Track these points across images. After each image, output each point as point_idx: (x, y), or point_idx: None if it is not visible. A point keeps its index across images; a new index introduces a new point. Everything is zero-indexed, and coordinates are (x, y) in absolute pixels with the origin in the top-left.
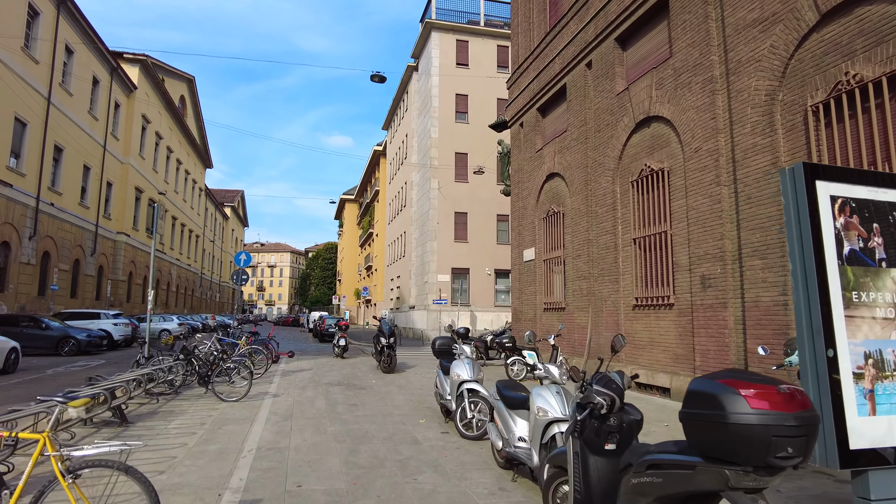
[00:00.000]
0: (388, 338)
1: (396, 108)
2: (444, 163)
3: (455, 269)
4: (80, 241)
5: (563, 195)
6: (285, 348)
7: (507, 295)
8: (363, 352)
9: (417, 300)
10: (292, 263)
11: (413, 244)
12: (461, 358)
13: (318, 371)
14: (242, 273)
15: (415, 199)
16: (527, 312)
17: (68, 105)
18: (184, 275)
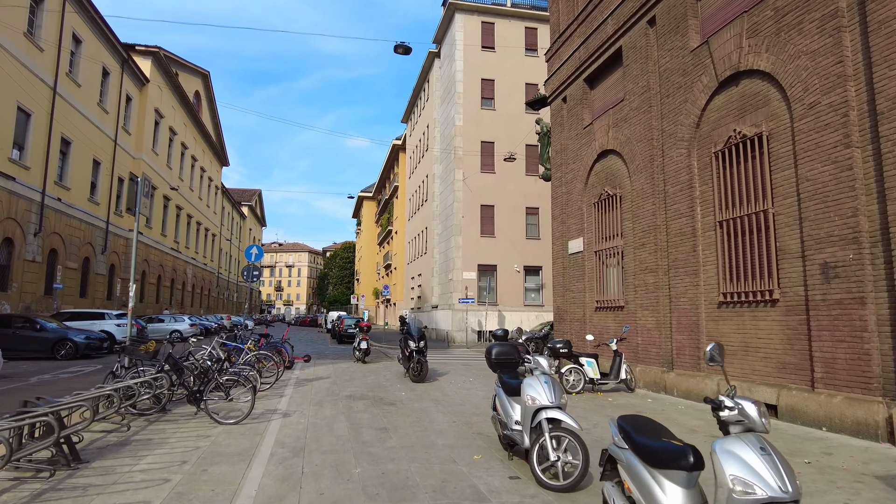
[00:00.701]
0: (417, 341)
1: (416, 98)
2: (468, 152)
3: (481, 265)
4: (89, 238)
5: (619, 175)
6: (301, 351)
7: (537, 293)
8: (386, 355)
9: (441, 299)
10: (310, 263)
11: (436, 240)
12: (536, 375)
13: (337, 379)
14: (254, 269)
15: (437, 192)
16: (573, 312)
17: (76, 96)
18: (200, 274)
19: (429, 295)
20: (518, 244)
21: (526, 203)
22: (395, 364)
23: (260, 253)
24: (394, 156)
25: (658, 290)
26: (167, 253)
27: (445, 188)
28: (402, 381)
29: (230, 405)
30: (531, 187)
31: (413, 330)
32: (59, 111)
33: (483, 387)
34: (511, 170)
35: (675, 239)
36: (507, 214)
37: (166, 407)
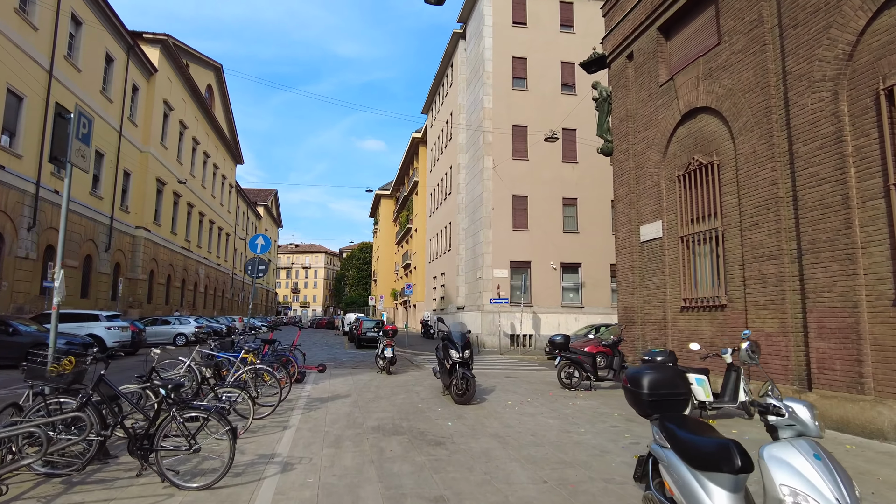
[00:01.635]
0: (461, 351)
1: (438, 86)
2: (499, 138)
3: (513, 262)
4: (91, 234)
5: (715, 138)
6: (315, 358)
7: (575, 293)
8: (412, 363)
9: (468, 300)
10: (327, 265)
11: (461, 236)
12: (792, 442)
13: (359, 398)
14: (260, 263)
15: (463, 183)
16: (648, 313)
17: (76, 81)
18: (213, 274)
19: (453, 295)
20: (554, 238)
21: (563, 193)
22: (426, 375)
23: (267, 243)
24: (413, 150)
25: (783, 283)
26: (177, 252)
27: (473, 178)
28: (441, 402)
29: (201, 454)
30: (568, 175)
31: (455, 336)
32: (56, 96)
33: (551, 412)
34: (546, 156)
35: (813, 214)
36: (541, 206)
37: (96, 459)
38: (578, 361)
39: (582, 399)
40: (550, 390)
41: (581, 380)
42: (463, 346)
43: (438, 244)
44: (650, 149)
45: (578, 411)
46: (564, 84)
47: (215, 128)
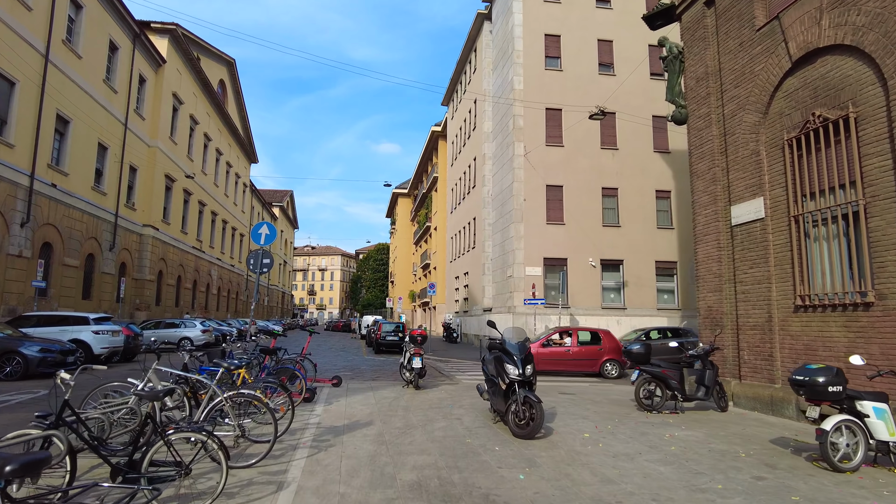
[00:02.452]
0: (521, 367)
1: (460, 74)
2: (530, 122)
3: (548, 259)
4: (94, 232)
5: (850, 85)
6: (330, 366)
7: (617, 294)
8: (440, 373)
9: (496, 301)
10: (343, 266)
11: (488, 231)
12: None
13: (385, 428)
14: (264, 256)
15: (490, 174)
16: (745, 315)
17: (76, 68)
18: (226, 276)
19: (478, 296)
20: (593, 233)
21: (602, 182)
22: (461, 390)
23: (272, 233)
24: (432, 145)
25: None
26: (188, 252)
27: (501, 167)
28: (494, 434)
29: None
30: (608, 163)
31: (512, 346)
32: (52, 83)
33: (651, 450)
34: (583, 142)
35: None
36: (578, 197)
37: None
38: (663, 377)
39: (676, 427)
40: (627, 412)
41: (664, 399)
42: (523, 359)
43: (461, 242)
44: (743, 109)
45: (688, 449)
46: (602, 63)
47: (228, 125)
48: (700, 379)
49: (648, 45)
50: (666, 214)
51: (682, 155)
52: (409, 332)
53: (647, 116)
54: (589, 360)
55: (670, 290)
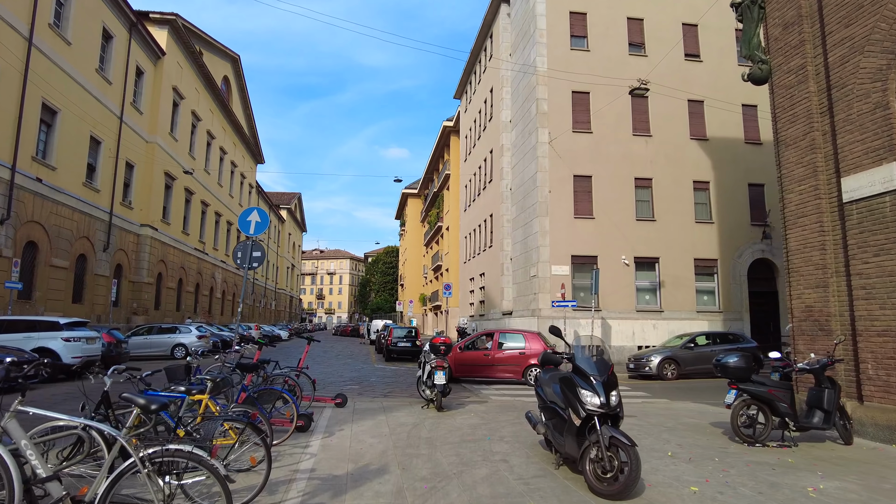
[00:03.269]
0: (603, 394)
1: (474, 63)
2: (555, 107)
3: (576, 257)
4: (86, 231)
5: None
6: (336, 375)
7: (652, 295)
8: (462, 386)
9: (517, 303)
10: (352, 270)
11: (507, 228)
12: None
13: (405, 477)
14: (254, 248)
15: (509, 166)
16: (869, 317)
17: (64, 56)
18: (231, 279)
19: (496, 298)
20: (625, 228)
21: (634, 172)
22: (495, 412)
23: (264, 221)
24: (443, 141)
25: None
26: (190, 254)
27: (523, 157)
28: (566, 493)
29: None
30: (641, 151)
31: (587, 363)
32: (37, 70)
33: None
34: (613, 128)
35: None
36: (609, 188)
37: None
38: (769, 399)
39: (807, 470)
40: (722, 445)
41: (769, 427)
42: (605, 382)
43: (476, 241)
44: (860, 53)
45: None
46: (632, 43)
47: (233, 123)
48: (815, 401)
49: (682, 23)
50: (704, 208)
51: (720, 143)
52: (431, 341)
53: (682, 100)
54: (513, 365)
55: (710, 291)
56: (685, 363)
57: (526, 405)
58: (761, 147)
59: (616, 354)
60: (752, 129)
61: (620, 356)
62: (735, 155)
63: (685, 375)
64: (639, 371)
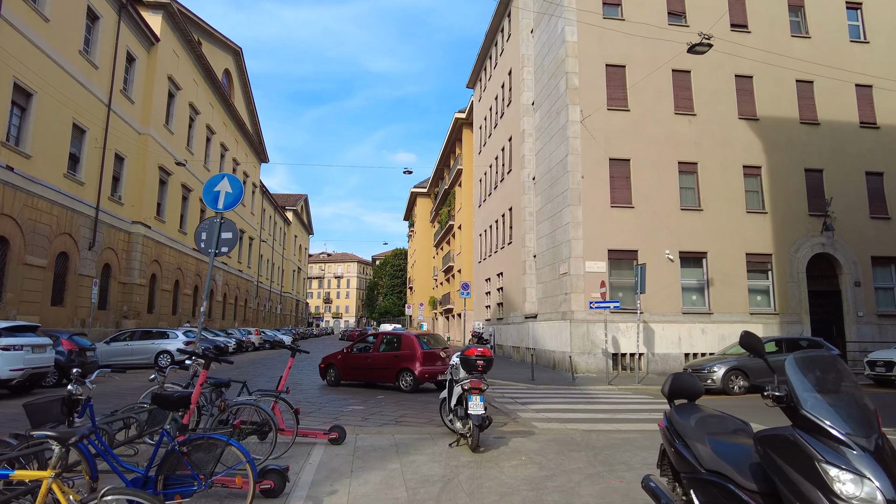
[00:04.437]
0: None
1: (490, 47)
2: (587, 82)
3: (613, 252)
4: (67, 227)
5: None
6: (333, 396)
7: (700, 295)
8: (493, 406)
9: (543, 305)
10: (359, 274)
11: (529, 222)
12: None
13: None
14: (224, 229)
15: (531, 152)
16: None
17: (41, 33)
18: (234, 282)
19: (517, 300)
20: (669, 218)
21: (677, 155)
22: (551, 451)
23: (237, 192)
24: (455, 135)
25: None
26: (188, 254)
27: (549, 140)
28: None
29: None
30: (684, 131)
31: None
32: (8, 46)
33: None
34: (652, 105)
35: None
36: (649, 173)
37: None
38: None
39: None
40: None
41: None
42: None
43: (492, 238)
44: None
45: None
46: (672, 13)
47: (235, 119)
48: None
49: None
50: (756, 196)
51: (772, 123)
52: (462, 353)
53: (728, 75)
54: (387, 368)
55: (764, 290)
56: (755, 375)
57: (590, 439)
58: (818, 128)
59: (660, 363)
60: (807, 108)
61: (665, 365)
62: (789, 136)
63: (755, 389)
64: None
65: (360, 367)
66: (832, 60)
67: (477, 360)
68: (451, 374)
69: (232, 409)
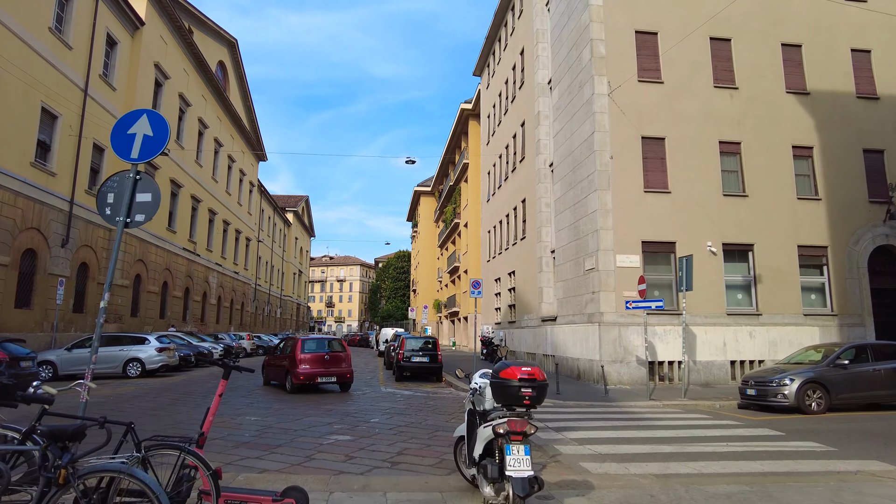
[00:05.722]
0: None
1: (499, 28)
2: (615, 52)
3: (647, 244)
4: (35, 221)
5: None
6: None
7: (745, 294)
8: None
9: (564, 306)
10: (362, 277)
11: (546, 213)
12: None
13: None
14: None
15: (548, 136)
16: None
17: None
18: (229, 284)
19: (532, 301)
20: (709, 205)
21: (718, 134)
22: None
23: (160, 136)
24: (461, 128)
25: None
26: (178, 254)
27: (570, 119)
28: None
29: None
30: (725, 107)
31: None
32: None
33: None
34: (689, 77)
35: None
36: (687, 154)
37: None
38: None
39: None
40: None
41: None
42: None
43: (503, 234)
44: None
45: None
46: None
47: (230, 114)
48: None
49: None
50: (807, 180)
51: (825, 97)
52: (497, 373)
53: (774, 43)
54: (281, 369)
55: (818, 289)
56: (837, 389)
57: (678, 497)
58: (878, 103)
59: (703, 373)
60: (864, 81)
61: (709, 375)
62: (845, 113)
63: (838, 407)
64: (765, 399)
65: (273, 367)
66: (892, 27)
67: (521, 387)
68: (471, 401)
69: (82, 479)
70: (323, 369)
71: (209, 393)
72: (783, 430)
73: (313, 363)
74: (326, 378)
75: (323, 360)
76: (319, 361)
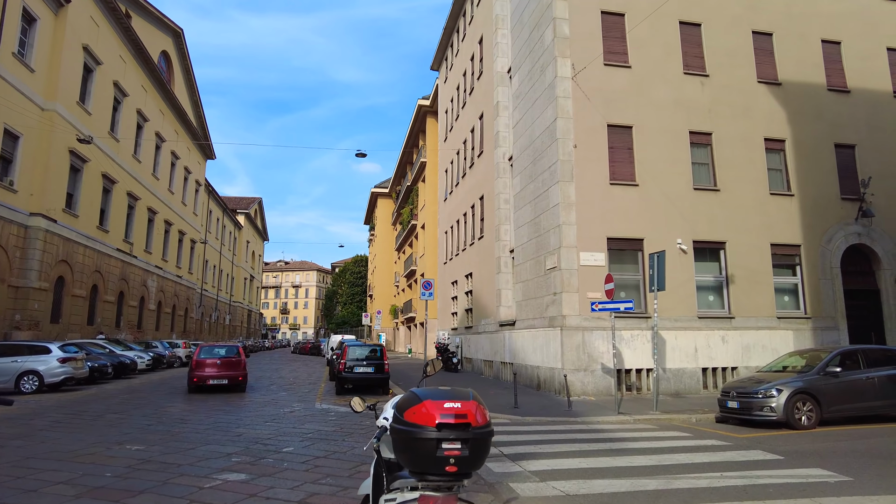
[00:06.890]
0: None
1: (457, 18)
2: (579, 33)
3: (614, 241)
4: None
5: None
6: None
7: (717, 295)
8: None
9: (524, 309)
10: (319, 283)
11: (506, 210)
12: None
13: None
14: None
15: (507, 128)
16: None
17: None
18: (171, 289)
19: (490, 305)
20: (680, 199)
21: (688, 124)
22: None
23: None
24: (418, 126)
25: None
26: (110, 255)
27: (531, 106)
28: None
29: None
30: (695, 95)
31: None
32: None
33: None
34: (658, 61)
35: None
36: (656, 144)
37: None
38: None
39: None
40: None
41: None
42: None
43: (460, 234)
44: None
45: None
46: None
47: (175, 108)
48: None
49: None
50: (780, 175)
51: (797, 87)
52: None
53: (745, 31)
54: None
55: (792, 290)
56: (829, 400)
57: None
58: (848, 96)
59: (673, 382)
60: (835, 73)
61: (680, 384)
62: (817, 105)
63: (829, 420)
64: (749, 413)
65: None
66: (862, 18)
67: (441, 441)
68: (375, 446)
69: None
70: (215, 372)
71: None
72: (778, 453)
73: (208, 367)
74: (217, 381)
75: (216, 365)
76: (213, 366)
